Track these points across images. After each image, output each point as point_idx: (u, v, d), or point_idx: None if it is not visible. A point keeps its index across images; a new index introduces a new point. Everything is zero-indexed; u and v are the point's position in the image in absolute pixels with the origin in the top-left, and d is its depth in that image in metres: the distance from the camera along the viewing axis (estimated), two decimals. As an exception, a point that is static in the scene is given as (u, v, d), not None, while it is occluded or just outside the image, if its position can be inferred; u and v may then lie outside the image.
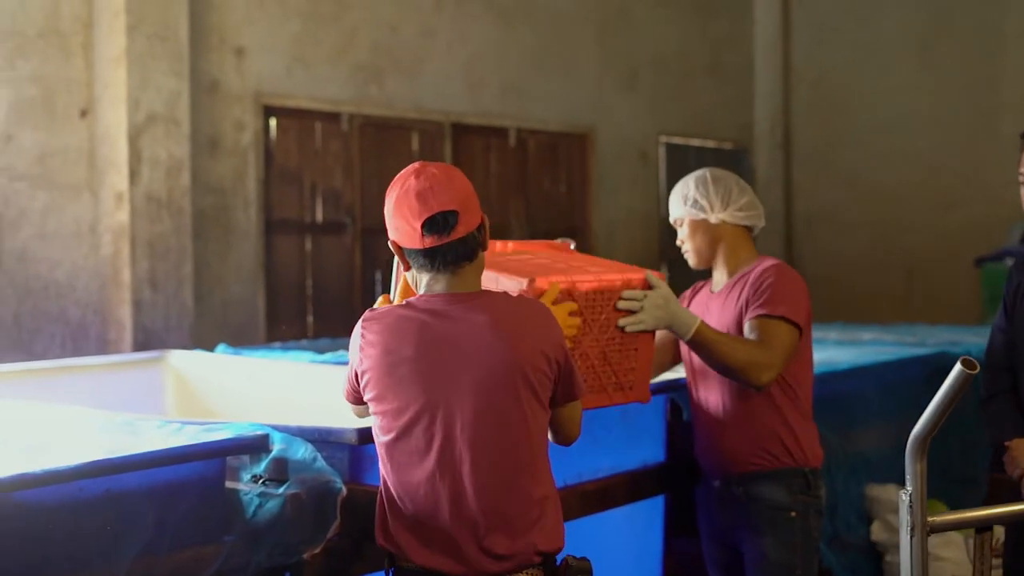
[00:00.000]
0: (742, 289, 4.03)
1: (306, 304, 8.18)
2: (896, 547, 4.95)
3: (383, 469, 3.05)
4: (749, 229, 4.15)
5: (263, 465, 3.28)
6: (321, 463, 3.30)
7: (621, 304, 3.63)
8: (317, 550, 3.25)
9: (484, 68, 9.31)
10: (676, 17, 11.09)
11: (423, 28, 8.87)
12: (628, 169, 10.57)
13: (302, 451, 3.31)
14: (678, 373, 4.40)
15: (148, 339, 6.91)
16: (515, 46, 9.56)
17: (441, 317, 3.06)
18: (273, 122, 7.94)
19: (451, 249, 3.10)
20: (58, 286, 6.81)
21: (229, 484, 3.27)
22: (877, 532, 5.11)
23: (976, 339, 6.77)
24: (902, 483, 2.94)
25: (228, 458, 3.28)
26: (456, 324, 3.05)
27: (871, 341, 7.02)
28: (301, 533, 3.21)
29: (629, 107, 10.56)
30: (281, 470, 3.29)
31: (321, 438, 3.37)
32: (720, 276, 4.17)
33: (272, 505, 3.19)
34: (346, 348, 6.39)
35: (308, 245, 8.20)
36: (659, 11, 10.91)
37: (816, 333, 8.17)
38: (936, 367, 5.64)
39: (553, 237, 9.62)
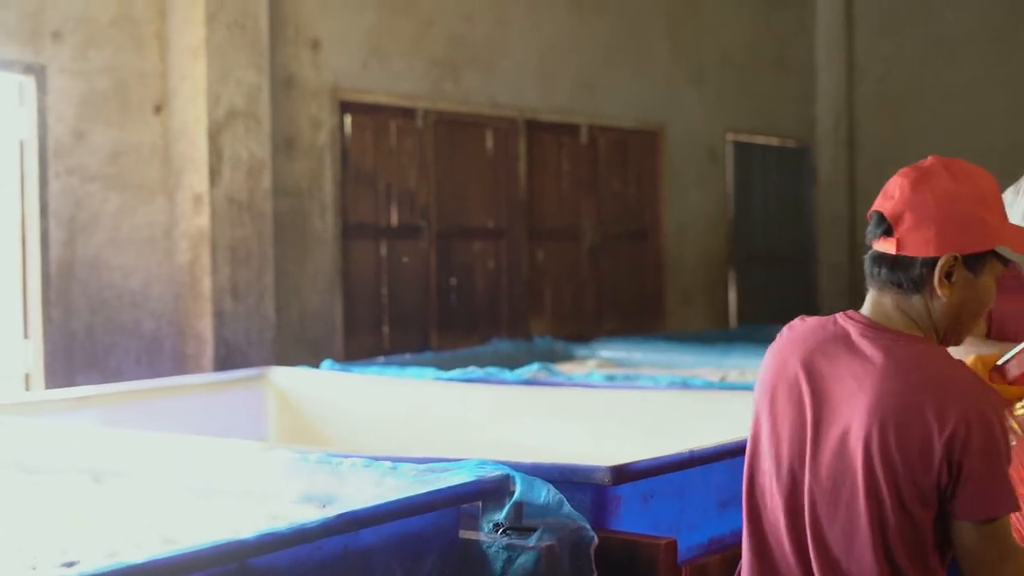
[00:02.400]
0: None
1: (381, 314, 7.64)
2: None
3: None
4: None
5: (504, 512, 2.76)
6: (568, 508, 2.78)
7: None
8: (575, 612, 2.73)
9: (557, 61, 8.80)
10: (742, 9, 10.59)
11: (498, 17, 8.35)
12: (697, 168, 10.06)
13: (544, 494, 2.79)
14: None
15: (230, 354, 6.36)
16: (587, 38, 9.04)
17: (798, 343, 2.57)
18: (348, 119, 7.41)
19: (871, 260, 2.52)
20: (132, 295, 6.27)
21: (464, 534, 2.76)
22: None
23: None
24: None
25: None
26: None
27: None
28: (559, 592, 2.69)
29: (698, 103, 10.05)
30: (522, 516, 2.77)
31: (563, 478, 2.85)
32: None
33: (525, 560, 2.67)
34: (467, 363, 5.89)
35: (383, 251, 7.67)
36: (727, 1, 10.40)
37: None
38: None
39: (624, 239, 9.18)
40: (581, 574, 2.74)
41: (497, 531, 2.75)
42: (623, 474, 2.83)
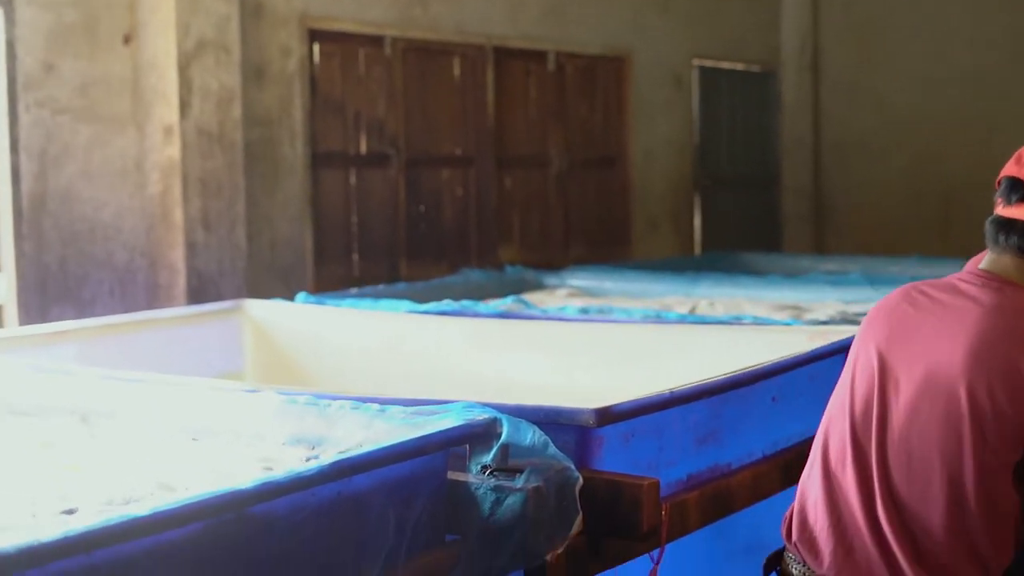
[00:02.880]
0: None
1: (351, 242, 7.68)
2: None
3: None
4: None
5: (491, 454, 2.83)
6: (553, 449, 2.85)
7: None
8: (560, 550, 2.81)
9: (524, -13, 8.79)
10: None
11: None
12: (663, 94, 10.09)
13: (530, 435, 2.85)
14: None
15: (202, 284, 6.39)
16: (554, -37, 9.03)
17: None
18: (317, 48, 7.39)
19: (996, 224, 2.63)
20: (104, 228, 6.27)
21: (452, 475, 2.82)
22: None
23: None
24: None
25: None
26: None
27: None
28: (545, 532, 2.76)
29: (664, 29, 10.06)
30: (509, 458, 2.84)
31: (548, 419, 2.92)
32: None
33: (513, 502, 2.73)
34: (440, 294, 5.95)
35: (353, 179, 7.68)
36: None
37: (834, 264, 7.77)
38: None
39: (591, 166, 9.21)
40: (566, 513, 2.81)
41: (485, 472, 2.81)
42: (607, 416, 2.90)
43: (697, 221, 10.49)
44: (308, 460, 2.89)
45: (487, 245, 8.53)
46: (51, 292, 6.05)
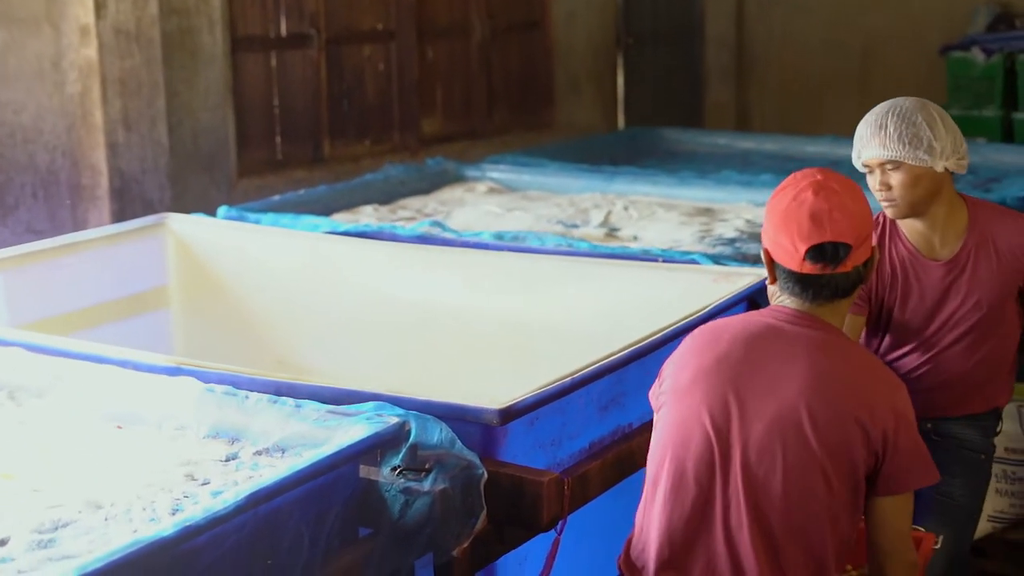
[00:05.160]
0: (995, 251, 3.62)
1: (274, 125, 7.72)
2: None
3: None
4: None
5: (400, 455, 3.01)
6: (460, 446, 3.04)
7: None
8: (465, 544, 3.03)
9: None
10: None
11: None
12: (586, -48, 10.04)
13: (438, 434, 3.05)
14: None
15: (125, 184, 6.45)
16: None
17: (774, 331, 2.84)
18: (232, -74, 7.31)
19: (830, 283, 2.80)
20: (24, 131, 6.28)
21: (364, 472, 3.01)
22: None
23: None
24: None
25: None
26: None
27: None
28: (452, 529, 2.98)
29: None
30: (418, 457, 3.02)
31: (454, 415, 3.10)
32: (927, 232, 3.65)
33: (420, 504, 2.94)
34: (362, 194, 6.07)
35: (273, 62, 7.68)
36: None
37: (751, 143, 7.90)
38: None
39: (514, 31, 9.19)
40: (471, 511, 3.01)
41: (395, 472, 3.00)
42: (509, 414, 3.08)
43: (620, 80, 10.55)
44: (227, 460, 3.07)
45: (410, 119, 8.59)
46: (-26, 199, 6.10)
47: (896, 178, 3.49)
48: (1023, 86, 9.34)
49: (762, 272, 3.32)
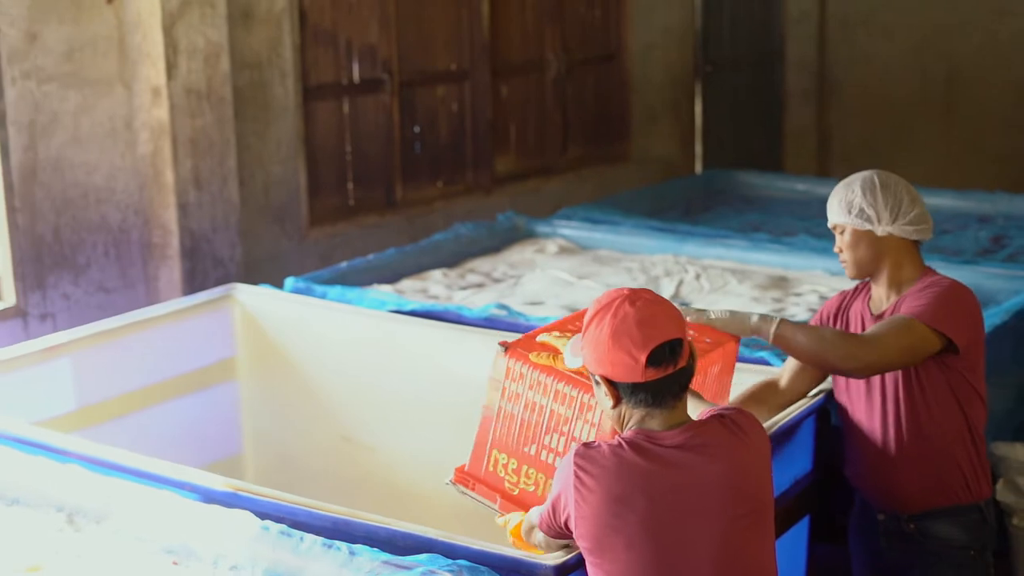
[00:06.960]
0: (900, 306, 3.74)
1: (346, 172, 7.70)
2: None
3: None
4: (916, 243, 3.81)
5: (455, 610, 2.97)
6: (512, 599, 3.00)
7: None
8: None
9: None
10: None
11: None
12: (663, -19, 9.92)
13: (491, 586, 3.00)
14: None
15: (195, 243, 6.47)
16: None
17: (670, 466, 2.84)
18: (304, -21, 7.29)
19: (674, 381, 2.89)
20: (97, 191, 6.31)
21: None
22: (1003, 493, 4.88)
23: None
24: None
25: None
26: (687, 474, 2.84)
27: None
28: None
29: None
30: (472, 608, 2.98)
31: (509, 567, 3.05)
32: (880, 293, 3.85)
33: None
34: (431, 256, 6.03)
35: (346, 108, 7.66)
36: None
37: (829, 189, 7.66)
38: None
39: (590, 64, 9.09)
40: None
41: (447, 628, 2.95)
42: (564, 569, 3.03)
43: (698, 108, 10.41)
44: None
45: (483, 158, 8.54)
46: (47, 262, 6.12)
47: (842, 241, 3.80)
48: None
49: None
